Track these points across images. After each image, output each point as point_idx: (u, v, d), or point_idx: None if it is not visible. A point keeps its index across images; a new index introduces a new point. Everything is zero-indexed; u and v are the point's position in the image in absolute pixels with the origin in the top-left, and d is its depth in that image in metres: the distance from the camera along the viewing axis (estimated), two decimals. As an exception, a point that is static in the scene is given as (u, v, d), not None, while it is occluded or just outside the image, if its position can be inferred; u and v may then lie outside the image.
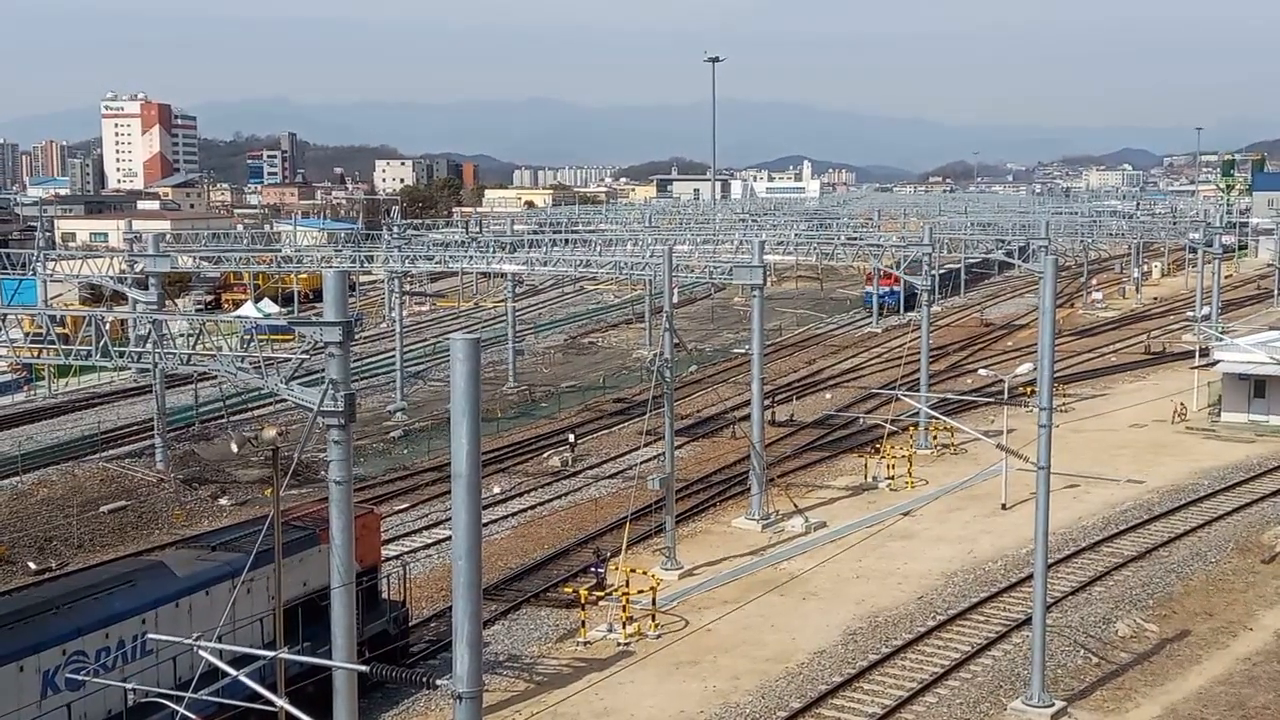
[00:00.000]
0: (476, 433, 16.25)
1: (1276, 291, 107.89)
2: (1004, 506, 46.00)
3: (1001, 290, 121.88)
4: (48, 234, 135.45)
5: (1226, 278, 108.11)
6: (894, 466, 50.63)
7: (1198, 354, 67.47)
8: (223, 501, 48.84)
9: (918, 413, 54.82)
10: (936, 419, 53.64)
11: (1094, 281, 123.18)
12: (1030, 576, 31.60)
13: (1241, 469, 51.49)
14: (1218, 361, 61.09)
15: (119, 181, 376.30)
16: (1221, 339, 64.73)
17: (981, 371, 62.23)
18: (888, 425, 54.96)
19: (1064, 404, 62.76)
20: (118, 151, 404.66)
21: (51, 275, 76.45)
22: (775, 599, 37.03)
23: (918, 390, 54.94)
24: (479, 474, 16.51)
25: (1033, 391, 47.01)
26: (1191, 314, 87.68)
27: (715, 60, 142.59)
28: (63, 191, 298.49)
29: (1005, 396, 53.62)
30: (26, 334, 48.86)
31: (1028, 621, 31.62)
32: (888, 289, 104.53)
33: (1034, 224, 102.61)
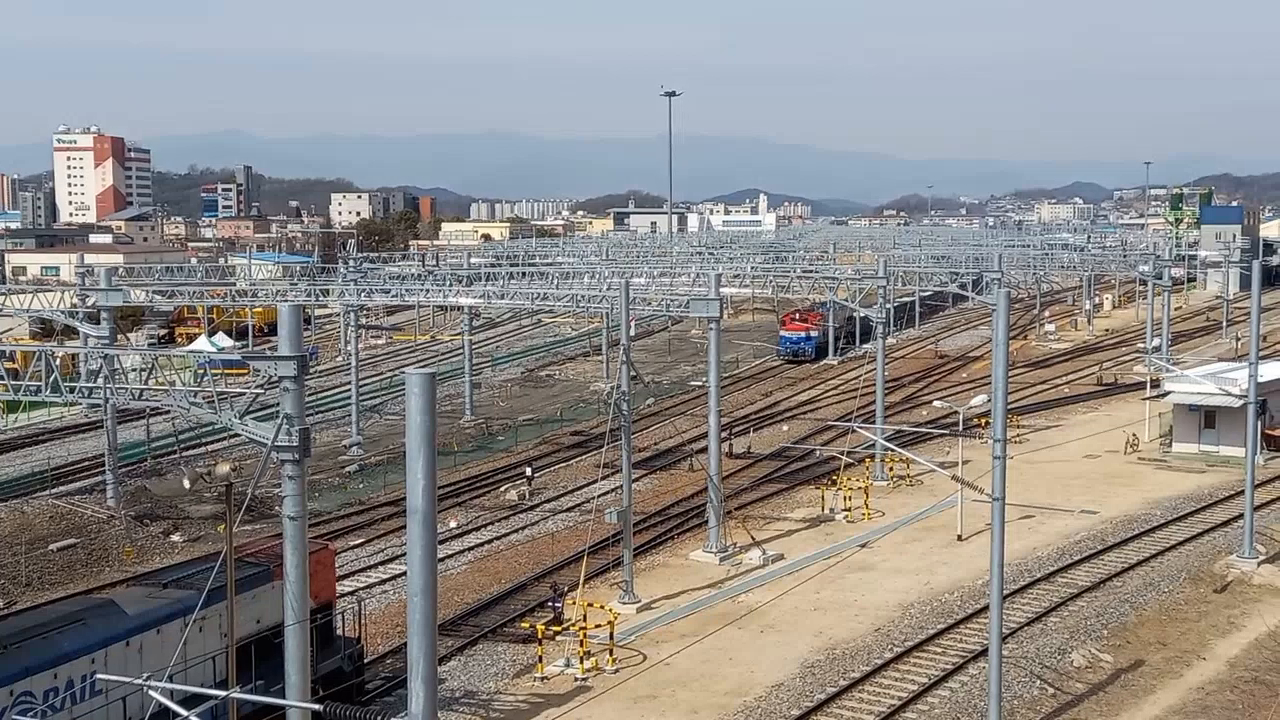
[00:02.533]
0: (432, 468, 16.12)
1: (1225, 323, 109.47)
2: (960, 538, 46.22)
3: (956, 322, 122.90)
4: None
5: (1176, 310, 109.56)
6: (850, 498, 50.79)
7: (1149, 385, 68.25)
8: (175, 538, 48.24)
9: (874, 444, 55.06)
10: (892, 451, 53.87)
11: (1047, 314, 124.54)
12: (986, 608, 31.72)
13: (1193, 499, 52.02)
14: (1169, 393, 61.81)
15: (71, 215, 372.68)
16: (1172, 370, 65.52)
17: (936, 403, 62.58)
18: (844, 457, 55.17)
19: (1018, 435, 63.27)
20: (70, 185, 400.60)
21: (1, 309, 75.51)
22: (733, 632, 36.97)
23: (874, 422, 55.20)
24: (435, 509, 16.38)
25: (987, 423, 47.33)
26: (1142, 346, 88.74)
27: (672, 95, 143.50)
28: (13, 225, 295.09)
29: (960, 428, 53.97)
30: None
31: (984, 653, 31.71)
32: (802, 334, 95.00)
33: (987, 257, 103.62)
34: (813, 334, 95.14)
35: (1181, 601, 39.36)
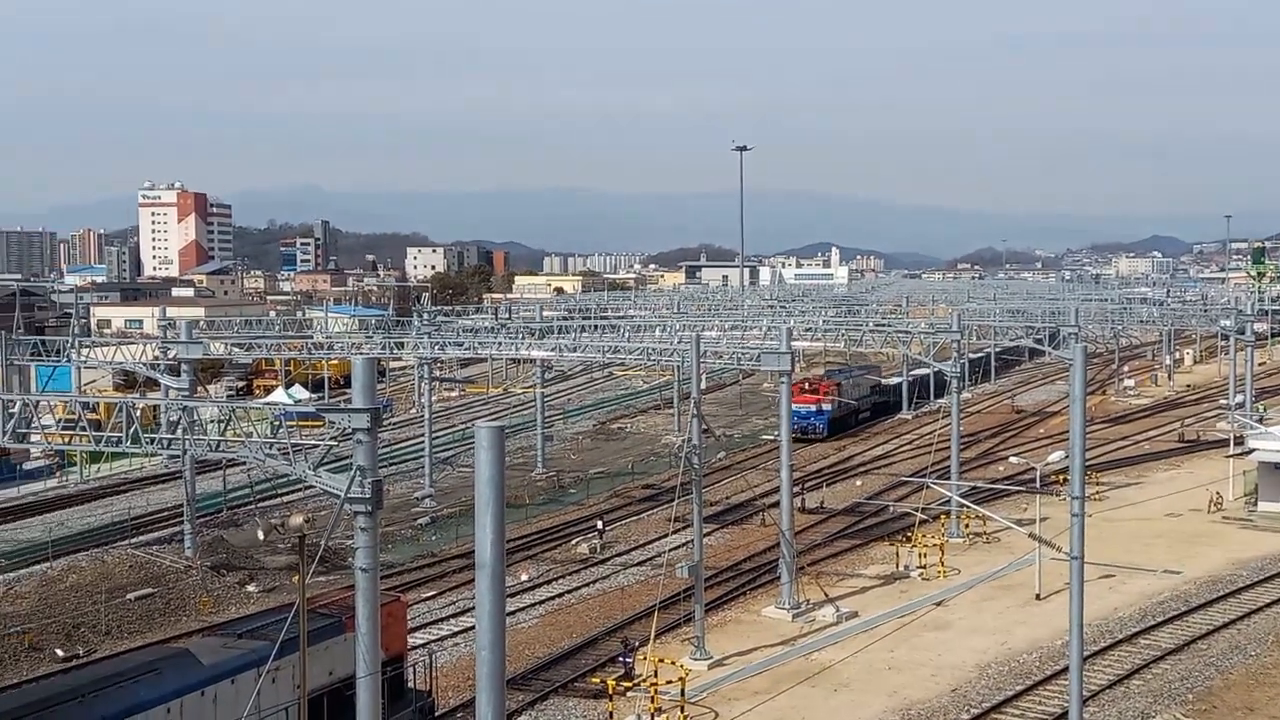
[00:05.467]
0: (501, 522, 16.16)
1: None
2: (1038, 597, 45.34)
3: (1032, 377, 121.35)
4: (83, 321, 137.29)
5: (1260, 365, 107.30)
6: (925, 555, 50.09)
7: (1232, 442, 66.72)
8: (250, 588, 48.73)
9: (949, 501, 54.33)
10: (968, 507, 53.14)
11: (1125, 369, 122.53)
12: (1066, 669, 31.01)
13: (1280, 559, 50.66)
14: (1253, 450, 60.37)
15: (155, 269, 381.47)
16: (1256, 426, 64.02)
17: (1013, 459, 61.66)
18: (919, 513, 54.46)
19: (1097, 493, 62.14)
20: (154, 239, 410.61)
21: (86, 362, 77.25)
22: (806, 690, 36.47)
23: (948, 478, 54.50)
24: (504, 564, 16.39)
25: (1065, 480, 46.54)
26: (1225, 402, 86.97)
27: (743, 149, 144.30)
28: (99, 279, 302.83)
29: (1037, 485, 53.11)
30: (59, 420, 49.24)
31: (1064, 716, 30.97)
32: (811, 407, 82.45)
33: (1063, 311, 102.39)
34: (825, 407, 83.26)
35: (1269, 665, 38.18)
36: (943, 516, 56.01)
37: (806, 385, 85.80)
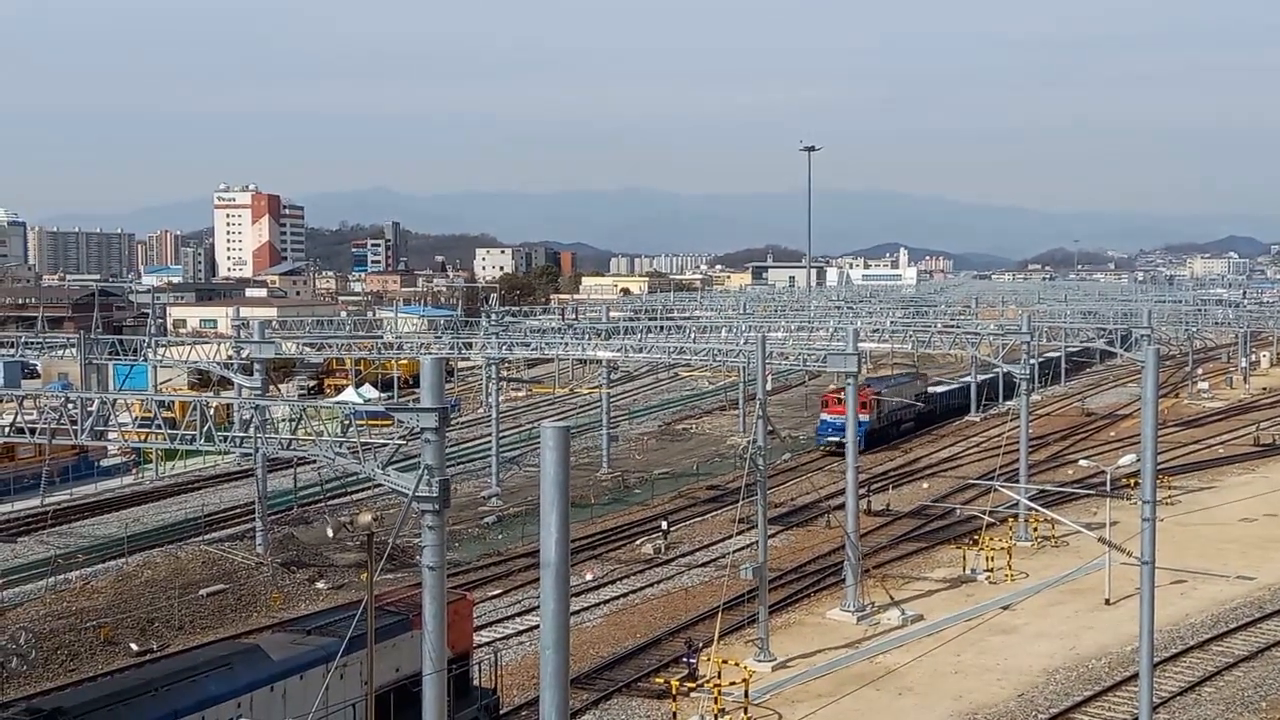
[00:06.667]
0: (566, 521, 16.29)
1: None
2: (1108, 601, 44.79)
3: (1103, 379, 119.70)
4: (159, 321, 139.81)
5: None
6: (993, 559, 49.65)
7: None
8: (320, 585, 49.39)
9: (1017, 504, 53.78)
10: (1036, 511, 52.57)
11: (1200, 371, 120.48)
12: (1135, 676, 30.62)
13: (1359, 566, 49.60)
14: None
15: (229, 270, 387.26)
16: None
17: (1083, 462, 60.91)
18: (986, 516, 53.97)
19: (1169, 496, 61.21)
20: (229, 241, 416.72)
21: (161, 361, 78.71)
22: (871, 694, 36.32)
23: (1017, 481, 53.95)
24: (568, 563, 16.52)
25: (1136, 483, 45.93)
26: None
27: (811, 149, 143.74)
28: (175, 280, 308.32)
29: (1107, 488, 52.43)
30: (136, 418, 50.25)
31: (1133, 722, 30.59)
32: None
33: (1136, 312, 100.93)
34: (861, 419, 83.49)
35: (1347, 674, 37.45)
36: (1010, 520, 55.48)
37: (843, 395, 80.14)
